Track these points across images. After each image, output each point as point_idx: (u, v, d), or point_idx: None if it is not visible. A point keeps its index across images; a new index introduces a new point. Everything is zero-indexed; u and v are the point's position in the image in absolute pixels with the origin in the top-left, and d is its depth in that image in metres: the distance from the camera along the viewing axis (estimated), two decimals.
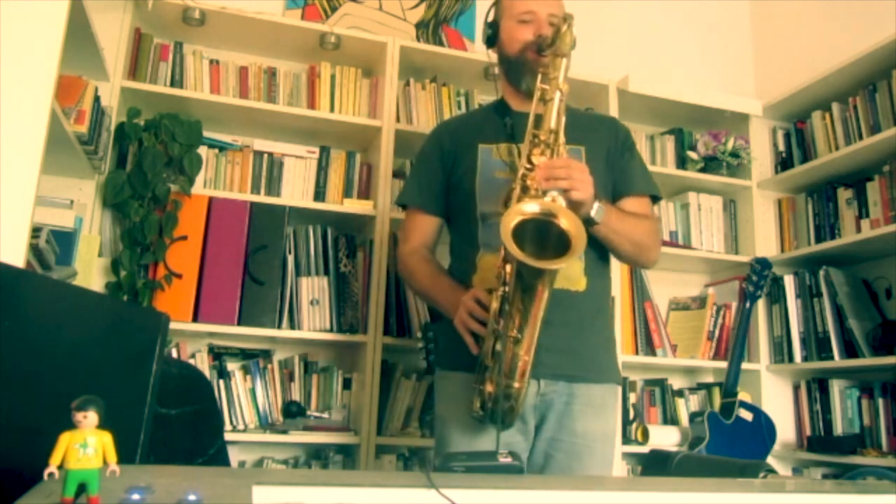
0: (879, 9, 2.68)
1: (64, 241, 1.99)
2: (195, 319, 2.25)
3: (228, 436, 2.15)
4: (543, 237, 1.32)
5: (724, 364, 2.67)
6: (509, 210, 1.33)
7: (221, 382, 2.33)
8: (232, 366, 2.39)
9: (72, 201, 2.17)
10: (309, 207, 2.48)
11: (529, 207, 1.32)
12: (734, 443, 2.49)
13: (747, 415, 2.57)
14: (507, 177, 1.58)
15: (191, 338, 2.40)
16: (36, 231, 1.66)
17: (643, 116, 3.00)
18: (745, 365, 2.68)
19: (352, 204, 2.52)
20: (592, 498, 0.90)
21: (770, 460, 2.55)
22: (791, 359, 2.72)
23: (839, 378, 2.68)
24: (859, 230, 2.61)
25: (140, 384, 1.09)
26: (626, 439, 2.60)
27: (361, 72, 2.70)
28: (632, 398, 2.74)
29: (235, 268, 2.32)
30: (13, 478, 0.71)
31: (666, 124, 3.05)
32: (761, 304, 2.81)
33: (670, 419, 2.80)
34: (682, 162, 2.96)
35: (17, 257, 1.43)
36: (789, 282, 2.78)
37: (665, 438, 2.62)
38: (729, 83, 3.25)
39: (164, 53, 2.51)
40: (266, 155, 2.55)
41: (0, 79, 1.46)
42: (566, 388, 1.56)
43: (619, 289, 2.67)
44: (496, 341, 1.40)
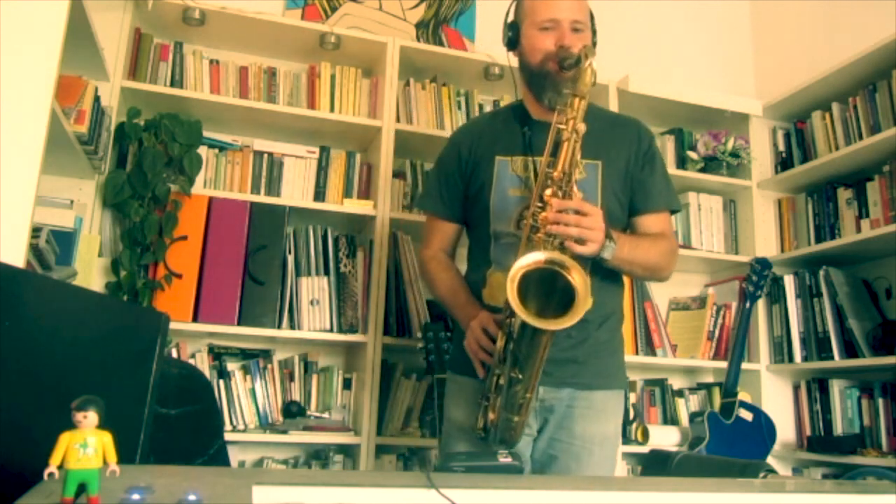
0: (879, 9, 2.68)
1: (64, 241, 1.99)
2: (195, 319, 2.25)
3: (228, 436, 2.15)
4: (550, 284, 1.33)
5: (724, 364, 2.67)
6: (517, 263, 1.32)
7: (221, 382, 2.33)
8: (232, 366, 2.39)
9: (72, 201, 2.17)
10: (309, 207, 2.48)
11: (536, 257, 1.33)
12: (734, 443, 2.49)
13: (747, 415, 2.57)
14: (521, 194, 1.57)
15: (191, 338, 2.40)
16: (36, 231, 1.66)
17: (643, 116, 2.91)
18: (745, 365, 2.68)
19: (352, 204, 2.52)
20: (592, 498, 0.91)
21: (770, 460, 2.55)
22: (791, 359, 2.72)
23: (839, 378, 2.68)
24: (859, 230, 2.61)
25: (140, 384, 1.09)
26: (626, 439, 2.59)
27: (361, 72, 2.70)
28: (632, 398, 2.74)
29: (235, 268, 2.32)
30: (13, 478, 0.71)
31: (666, 124, 3.05)
32: (761, 304, 2.81)
33: (670, 419, 2.80)
34: (682, 162, 2.96)
35: (17, 257, 1.43)
36: (789, 282, 2.78)
37: (665, 438, 2.62)
38: (729, 83, 3.25)
39: (164, 53, 2.51)
40: (266, 155, 2.55)
41: (0, 79, 1.46)
42: (569, 394, 1.56)
43: None
44: (499, 377, 1.43)
